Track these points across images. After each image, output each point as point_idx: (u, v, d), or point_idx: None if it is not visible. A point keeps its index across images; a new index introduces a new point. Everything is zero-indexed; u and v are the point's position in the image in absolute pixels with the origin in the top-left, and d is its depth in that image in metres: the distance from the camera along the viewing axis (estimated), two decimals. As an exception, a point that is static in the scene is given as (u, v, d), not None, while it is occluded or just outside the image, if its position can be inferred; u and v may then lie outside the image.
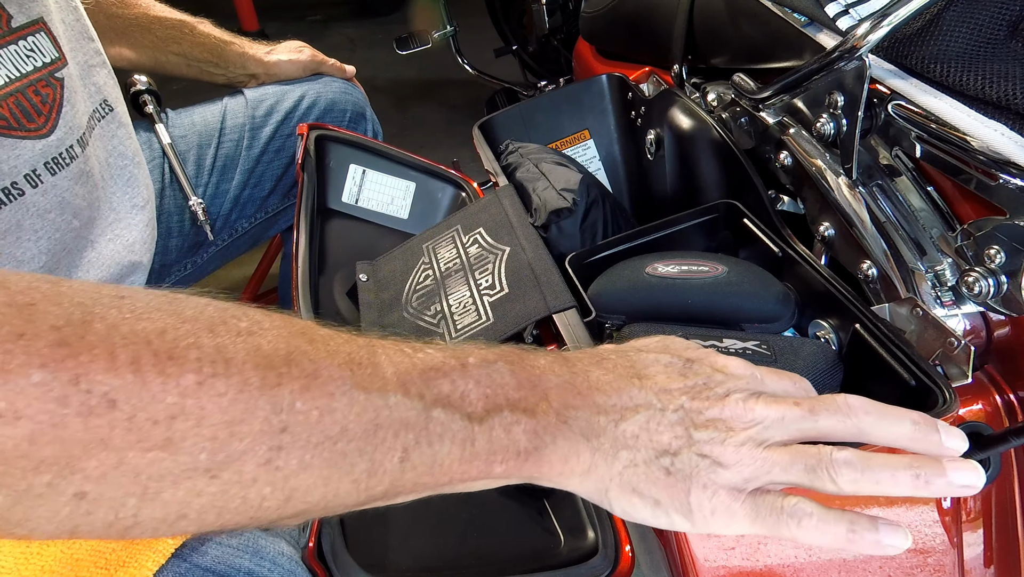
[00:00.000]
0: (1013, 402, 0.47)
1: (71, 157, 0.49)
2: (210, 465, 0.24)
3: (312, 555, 0.38)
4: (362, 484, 0.27)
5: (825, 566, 0.39)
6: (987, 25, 0.44)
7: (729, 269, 0.52)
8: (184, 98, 0.88)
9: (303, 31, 3.09)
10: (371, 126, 0.93)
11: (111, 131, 0.57)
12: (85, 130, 0.52)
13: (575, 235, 0.63)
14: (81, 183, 0.50)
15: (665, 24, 0.77)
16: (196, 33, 0.84)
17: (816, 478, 0.31)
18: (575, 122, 0.83)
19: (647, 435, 0.31)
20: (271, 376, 0.25)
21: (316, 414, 0.26)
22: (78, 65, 0.52)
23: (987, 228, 0.42)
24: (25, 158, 0.45)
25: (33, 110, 0.46)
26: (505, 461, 0.30)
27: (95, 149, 0.54)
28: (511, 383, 0.31)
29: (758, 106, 0.61)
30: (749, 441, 0.31)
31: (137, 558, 0.36)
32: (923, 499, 0.39)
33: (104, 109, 0.57)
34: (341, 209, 0.76)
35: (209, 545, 0.41)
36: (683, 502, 0.31)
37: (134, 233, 0.58)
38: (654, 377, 0.33)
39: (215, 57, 0.85)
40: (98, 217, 0.54)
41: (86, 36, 0.55)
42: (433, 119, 2.44)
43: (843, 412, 0.33)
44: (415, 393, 0.28)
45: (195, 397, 0.24)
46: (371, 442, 0.27)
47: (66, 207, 0.49)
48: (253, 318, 0.27)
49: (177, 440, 0.23)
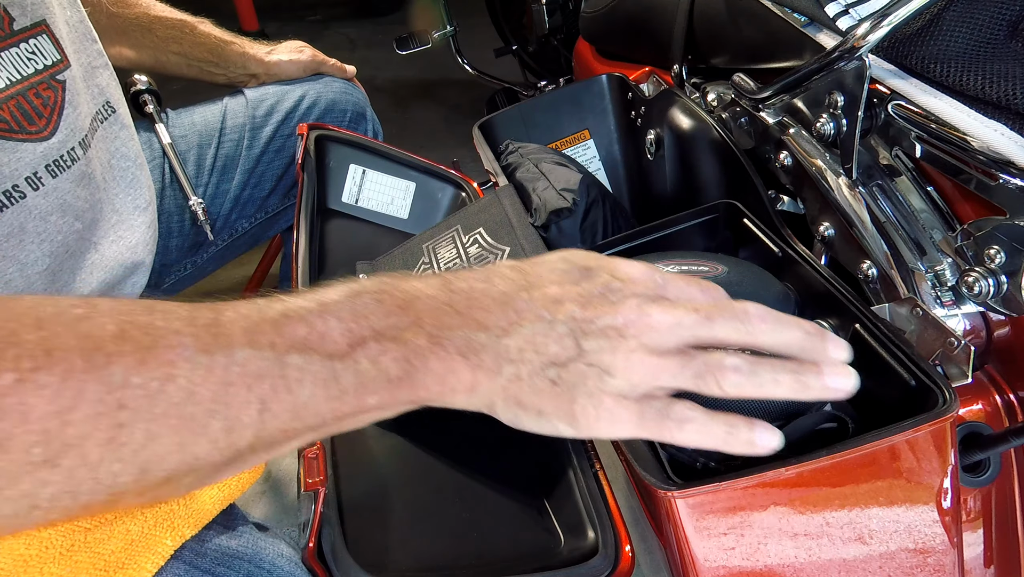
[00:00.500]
0: (1013, 402, 0.47)
1: (72, 159, 0.48)
2: (47, 456, 0.24)
3: (312, 555, 0.38)
4: (221, 442, 0.27)
5: (825, 566, 0.39)
6: (987, 25, 0.44)
7: (729, 269, 0.52)
8: (184, 98, 0.88)
9: (303, 31, 3.09)
10: (371, 126, 0.93)
11: (113, 133, 0.57)
12: (87, 132, 0.51)
13: (575, 235, 0.63)
14: (83, 185, 0.50)
15: (665, 24, 0.77)
16: (196, 33, 0.84)
17: (703, 383, 0.32)
18: (575, 122, 0.83)
19: (533, 348, 0.31)
20: (99, 357, 0.25)
21: (156, 384, 0.26)
22: (81, 67, 0.52)
23: (987, 228, 0.42)
24: (26, 161, 0.45)
25: (34, 113, 0.46)
26: (377, 392, 0.30)
27: (97, 151, 0.54)
28: (377, 312, 0.30)
29: (758, 106, 0.61)
30: (640, 348, 0.31)
31: (136, 560, 0.36)
32: (923, 499, 0.39)
33: (107, 111, 0.56)
34: (341, 209, 0.76)
35: (208, 546, 0.41)
36: (567, 411, 0.31)
37: (136, 234, 0.58)
38: (545, 288, 0.33)
39: (215, 57, 0.85)
40: (100, 219, 0.54)
41: (89, 37, 0.54)
42: (433, 119, 2.44)
43: (739, 319, 0.33)
44: (265, 343, 0.28)
45: (15, 395, 0.24)
46: (222, 401, 0.27)
47: (68, 209, 0.49)
48: (92, 304, 0.27)
49: (4, 441, 0.23)
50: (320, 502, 0.39)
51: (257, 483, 1.17)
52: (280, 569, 0.41)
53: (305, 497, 0.40)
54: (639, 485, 0.41)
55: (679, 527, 0.37)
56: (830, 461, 0.37)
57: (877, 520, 0.38)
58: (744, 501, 0.37)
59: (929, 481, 0.39)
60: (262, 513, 1.12)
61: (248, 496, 1.15)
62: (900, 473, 0.38)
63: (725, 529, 0.37)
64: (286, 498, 1.15)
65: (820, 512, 0.38)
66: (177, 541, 0.38)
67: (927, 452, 0.38)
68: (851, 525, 0.38)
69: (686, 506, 0.36)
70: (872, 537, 0.38)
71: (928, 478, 0.39)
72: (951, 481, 0.39)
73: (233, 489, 0.42)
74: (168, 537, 0.37)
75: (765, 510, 0.37)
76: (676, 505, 0.36)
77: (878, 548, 0.39)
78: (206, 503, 0.40)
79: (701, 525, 0.37)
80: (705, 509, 0.37)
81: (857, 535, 0.38)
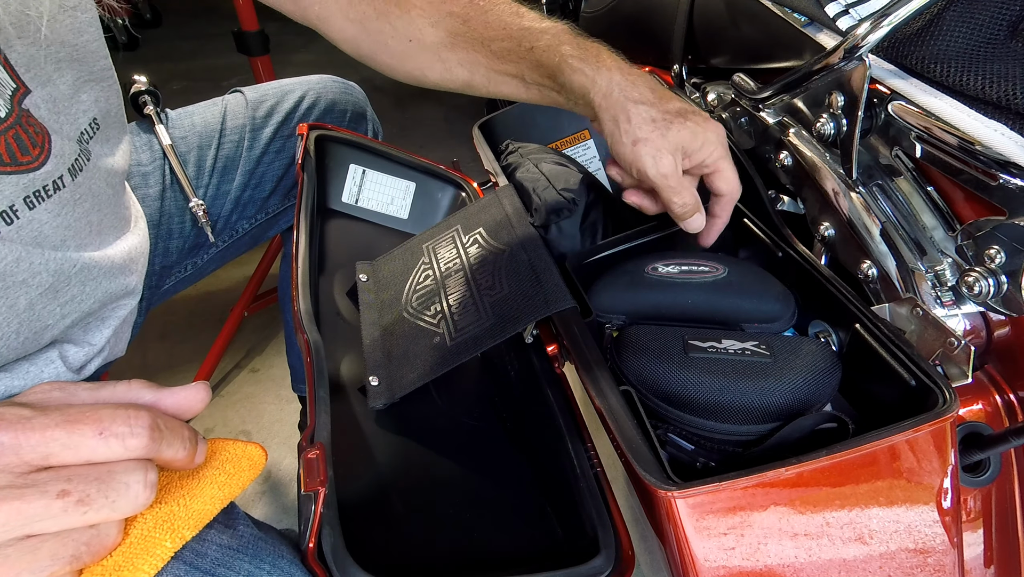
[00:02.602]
0: (1013, 402, 0.47)
1: (56, 188, 0.46)
2: None
3: (312, 556, 0.38)
4: None
5: (825, 566, 0.39)
6: (987, 25, 0.44)
7: (729, 269, 0.52)
8: (184, 98, 0.88)
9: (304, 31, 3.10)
10: (371, 126, 0.93)
11: (100, 151, 0.54)
12: (79, 155, 0.49)
13: (575, 235, 0.63)
14: (64, 214, 0.48)
15: (665, 24, 0.77)
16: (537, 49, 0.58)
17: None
18: (575, 122, 0.83)
19: None
20: None
21: None
22: (47, 91, 0.47)
23: (987, 228, 0.42)
24: (6, 194, 0.43)
25: (29, 143, 0.44)
26: None
27: (90, 173, 0.51)
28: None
29: (758, 106, 0.61)
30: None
31: (134, 561, 0.36)
32: (923, 499, 0.39)
33: (92, 129, 0.52)
34: (341, 209, 0.76)
35: (208, 548, 0.41)
36: None
37: (125, 245, 0.57)
38: None
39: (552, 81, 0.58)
40: (88, 239, 0.52)
41: (65, 58, 0.49)
42: (433, 119, 2.44)
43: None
44: None
45: None
46: None
47: (44, 241, 0.47)
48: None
49: None
50: (320, 503, 0.39)
51: (257, 483, 1.17)
52: (281, 569, 0.41)
53: (305, 498, 0.40)
54: (639, 485, 0.41)
55: (679, 527, 0.37)
56: (830, 461, 0.37)
57: (877, 520, 0.38)
58: (744, 501, 0.37)
59: (929, 481, 0.39)
60: (262, 513, 1.12)
61: (248, 496, 1.15)
62: (900, 473, 0.38)
63: (725, 529, 0.37)
64: (286, 498, 1.15)
65: (820, 512, 0.38)
66: (177, 543, 0.37)
67: (927, 452, 0.38)
68: (851, 525, 0.38)
69: (686, 506, 0.36)
70: (872, 537, 0.38)
71: (928, 478, 0.39)
72: (951, 481, 0.39)
73: (233, 489, 0.42)
74: (168, 539, 0.37)
75: (765, 510, 0.37)
76: (676, 505, 0.36)
77: (878, 548, 0.39)
78: (206, 504, 0.40)
79: (701, 525, 0.37)
80: (705, 509, 0.37)
81: (857, 535, 0.38)
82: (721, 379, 0.43)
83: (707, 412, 0.43)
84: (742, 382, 0.43)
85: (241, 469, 0.42)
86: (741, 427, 0.43)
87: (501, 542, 0.47)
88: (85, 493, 0.31)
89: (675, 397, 0.44)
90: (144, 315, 0.75)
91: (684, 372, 0.44)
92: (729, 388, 0.43)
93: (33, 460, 0.30)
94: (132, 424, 0.32)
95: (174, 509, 0.38)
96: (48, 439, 0.31)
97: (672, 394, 0.44)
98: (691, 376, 0.43)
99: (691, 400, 0.43)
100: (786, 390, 0.42)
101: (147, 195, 0.74)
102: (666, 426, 0.45)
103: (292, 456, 1.23)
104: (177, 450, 0.35)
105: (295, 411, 1.24)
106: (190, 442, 0.36)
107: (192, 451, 0.36)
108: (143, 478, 0.33)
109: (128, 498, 0.32)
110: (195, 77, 2.87)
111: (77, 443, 0.31)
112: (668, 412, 0.45)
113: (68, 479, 0.31)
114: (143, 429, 0.33)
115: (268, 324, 1.51)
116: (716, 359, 0.44)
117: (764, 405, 0.42)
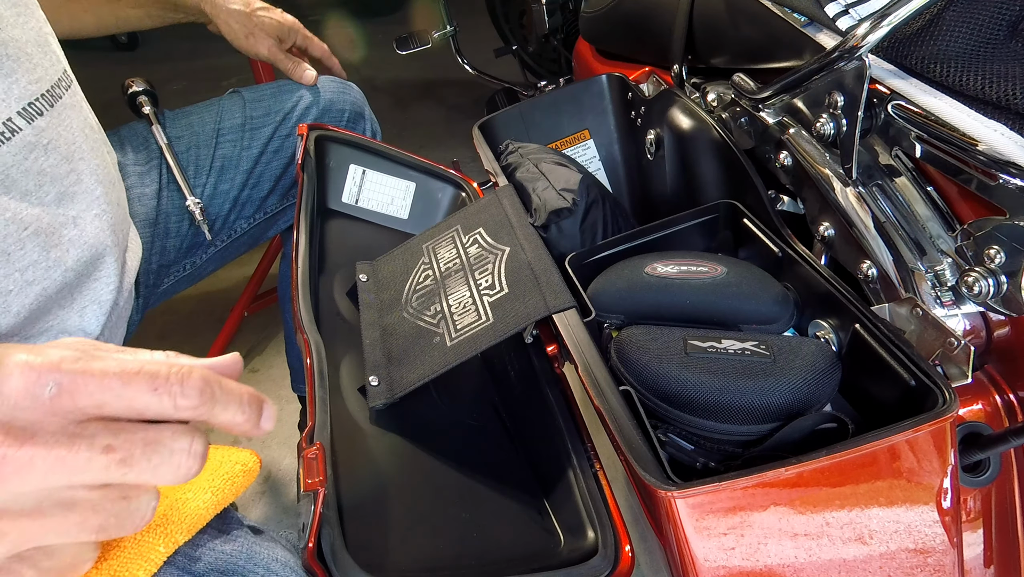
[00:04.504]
0: (1013, 402, 0.47)
1: (12, 130, 0.46)
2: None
3: (312, 556, 0.38)
4: None
5: (825, 566, 0.38)
6: (987, 25, 0.44)
7: (728, 270, 0.52)
8: (183, 98, 0.88)
9: (303, 31, 3.06)
10: (369, 126, 0.93)
11: (77, 102, 0.55)
12: (35, 99, 0.49)
13: (575, 235, 0.63)
14: (33, 159, 0.48)
15: (665, 24, 0.77)
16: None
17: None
18: (575, 122, 0.83)
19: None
20: None
21: None
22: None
23: (987, 228, 0.42)
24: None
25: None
26: None
27: (58, 122, 0.52)
28: None
29: (758, 106, 0.61)
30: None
31: (128, 567, 0.35)
32: (923, 499, 0.39)
33: (67, 80, 0.55)
34: (341, 209, 0.76)
35: (203, 551, 0.40)
36: None
37: (98, 210, 0.56)
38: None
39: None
40: (65, 196, 0.52)
41: (20, 3, 0.51)
42: (433, 119, 2.44)
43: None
44: None
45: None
46: None
47: (12, 186, 0.46)
48: None
49: None
50: (320, 503, 0.39)
51: (257, 483, 1.17)
52: (275, 574, 0.41)
53: (305, 498, 0.40)
54: (639, 485, 0.41)
55: (679, 527, 0.37)
56: (830, 461, 0.37)
57: (877, 520, 0.38)
58: (744, 501, 0.37)
59: (929, 481, 0.39)
60: (261, 513, 1.12)
61: (247, 496, 1.15)
62: (900, 473, 0.38)
63: (725, 529, 0.37)
64: (285, 498, 1.15)
65: (820, 512, 0.38)
66: (170, 548, 0.37)
67: (927, 452, 0.38)
68: (851, 525, 0.38)
69: (686, 506, 0.36)
70: (872, 537, 0.38)
71: (928, 478, 0.39)
72: (951, 481, 0.39)
73: (227, 494, 0.42)
74: (161, 544, 0.37)
75: (765, 510, 0.37)
76: (676, 505, 0.36)
77: (878, 548, 0.39)
78: (200, 508, 0.40)
79: (701, 525, 0.37)
80: (705, 509, 0.37)
81: (857, 535, 0.38)
82: (721, 379, 0.43)
83: (707, 412, 0.43)
84: (742, 382, 0.43)
85: (235, 475, 0.43)
86: (741, 427, 0.43)
87: (501, 541, 0.47)
88: (129, 453, 0.29)
89: (675, 397, 0.44)
90: (141, 314, 0.75)
91: (684, 372, 0.44)
92: (729, 388, 0.43)
93: (87, 407, 0.28)
94: (184, 383, 0.30)
95: (168, 513, 0.38)
96: (105, 387, 0.28)
97: (672, 394, 0.44)
98: (691, 376, 0.43)
99: (691, 400, 0.43)
100: (786, 390, 0.42)
101: (143, 194, 0.74)
102: (666, 426, 0.45)
103: (292, 456, 1.23)
104: (235, 413, 0.32)
105: (295, 411, 1.24)
106: (250, 406, 0.32)
107: (253, 416, 0.32)
108: (188, 447, 0.30)
109: (171, 465, 0.30)
110: (194, 77, 2.87)
111: (132, 395, 0.29)
112: (668, 412, 0.44)
113: (115, 434, 0.29)
114: (194, 390, 0.30)
115: (268, 324, 1.51)
116: (716, 359, 0.44)
117: (764, 405, 0.42)
